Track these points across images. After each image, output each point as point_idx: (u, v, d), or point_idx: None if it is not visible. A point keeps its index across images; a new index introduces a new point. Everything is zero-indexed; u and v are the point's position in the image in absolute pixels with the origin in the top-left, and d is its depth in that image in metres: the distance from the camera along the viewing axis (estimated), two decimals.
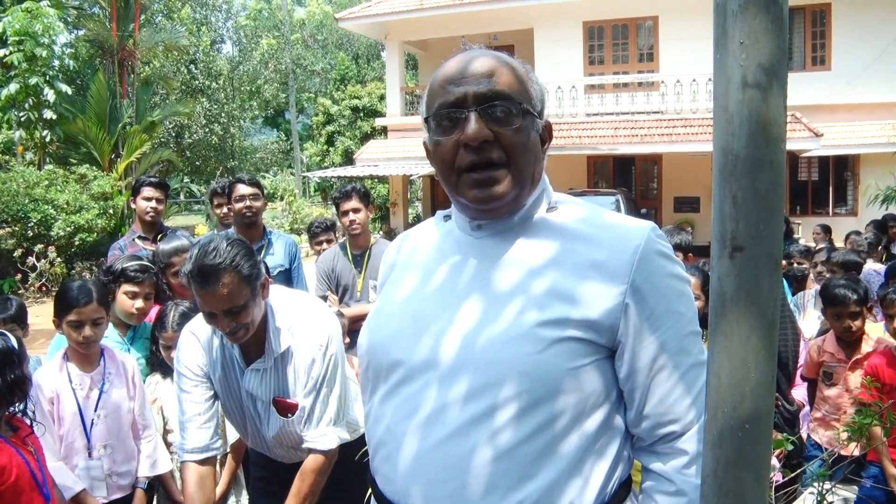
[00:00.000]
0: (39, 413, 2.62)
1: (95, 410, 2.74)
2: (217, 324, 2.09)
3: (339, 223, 4.79)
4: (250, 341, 2.20)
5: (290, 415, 2.26)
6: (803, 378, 3.71)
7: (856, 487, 3.12)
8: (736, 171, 0.93)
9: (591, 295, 1.19)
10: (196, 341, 2.30)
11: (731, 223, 0.94)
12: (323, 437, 2.25)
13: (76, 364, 2.77)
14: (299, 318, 2.29)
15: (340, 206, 4.32)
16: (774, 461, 2.89)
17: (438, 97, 1.27)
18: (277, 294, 2.32)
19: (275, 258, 4.30)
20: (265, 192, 4.58)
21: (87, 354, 2.78)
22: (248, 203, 4.23)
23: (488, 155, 1.23)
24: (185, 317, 2.85)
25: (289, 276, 4.36)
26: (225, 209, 4.69)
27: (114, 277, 3.14)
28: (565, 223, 1.29)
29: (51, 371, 2.75)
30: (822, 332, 4.72)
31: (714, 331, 0.98)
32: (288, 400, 2.26)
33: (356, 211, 4.26)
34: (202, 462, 2.25)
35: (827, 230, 8.82)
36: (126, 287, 3.13)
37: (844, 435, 2.41)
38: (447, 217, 1.43)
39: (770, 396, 0.97)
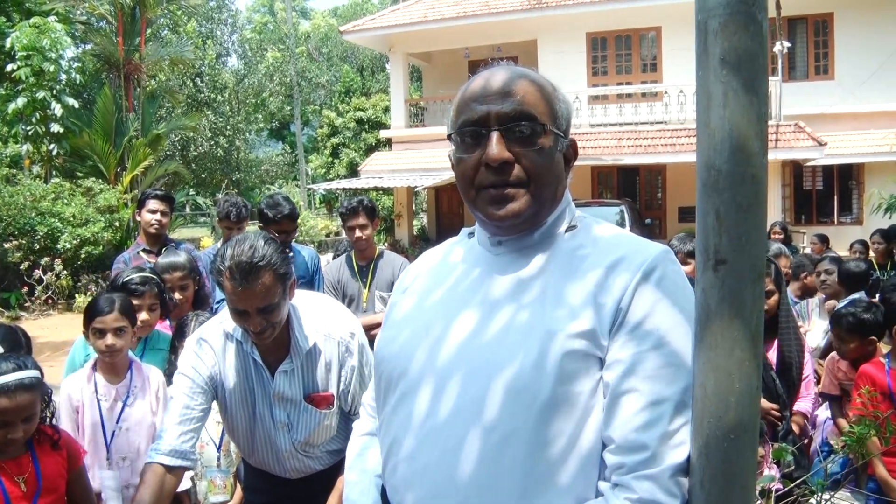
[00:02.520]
0: (67, 419, 2.69)
1: (117, 422, 2.77)
2: (248, 322, 2.06)
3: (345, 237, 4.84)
4: (270, 345, 2.18)
5: (330, 406, 2.26)
6: (825, 397, 3.59)
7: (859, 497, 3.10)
8: (718, 186, 0.95)
9: (597, 311, 1.18)
10: (208, 348, 2.24)
11: (714, 236, 0.96)
12: None
13: (103, 375, 2.82)
14: (322, 315, 2.31)
15: (347, 221, 4.35)
16: (775, 471, 2.88)
17: (463, 114, 1.28)
18: (297, 295, 2.32)
19: (297, 270, 4.35)
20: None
21: (113, 365, 2.83)
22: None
23: (508, 176, 1.24)
24: None
25: (309, 287, 4.43)
26: (235, 232, 4.70)
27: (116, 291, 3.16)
28: (583, 243, 1.29)
29: (79, 380, 2.79)
30: (829, 344, 4.67)
31: (699, 342, 1.00)
32: (321, 393, 2.25)
33: (363, 227, 4.29)
34: (171, 469, 2.06)
35: (824, 239, 8.74)
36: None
37: (841, 445, 2.40)
38: (471, 234, 1.43)
39: (755, 407, 0.98)
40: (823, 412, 3.73)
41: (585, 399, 1.15)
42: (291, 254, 4.34)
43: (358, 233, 4.30)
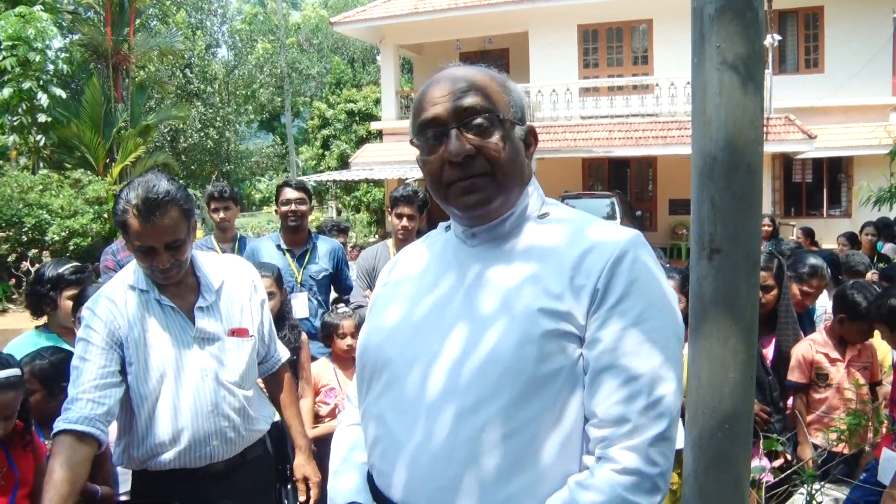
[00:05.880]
0: None
1: None
2: (156, 260, 2.09)
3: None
4: (180, 289, 2.21)
5: (251, 336, 2.33)
6: (793, 385, 3.43)
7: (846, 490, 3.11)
8: (714, 174, 0.95)
9: (574, 293, 1.23)
10: (107, 305, 2.15)
11: (709, 225, 0.96)
12: (283, 349, 2.59)
13: None
14: (220, 259, 2.47)
15: (396, 207, 4.26)
16: (766, 462, 2.89)
17: (421, 118, 1.34)
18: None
19: (319, 264, 4.35)
20: (310, 195, 4.57)
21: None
22: (293, 207, 4.26)
23: (472, 168, 1.29)
24: None
25: (333, 280, 4.45)
26: (221, 213, 4.66)
27: (52, 286, 3.08)
28: (555, 229, 1.34)
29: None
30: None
31: (694, 332, 0.99)
32: (241, 327, 2.31)
33: (411, 218, 4.23)
34: (80, 437, 1.94)
35: (809, 233, 8.67)
36: (67, 292, 3.05)
37: (833, 435, 2.42)
38: (448, 227, 1.48)
39: (749, 398, 0.98)
40: None
41: (566, 376, 1.20)
42: (310, 245, 4.34)
43: (405, 222, 4.23)
